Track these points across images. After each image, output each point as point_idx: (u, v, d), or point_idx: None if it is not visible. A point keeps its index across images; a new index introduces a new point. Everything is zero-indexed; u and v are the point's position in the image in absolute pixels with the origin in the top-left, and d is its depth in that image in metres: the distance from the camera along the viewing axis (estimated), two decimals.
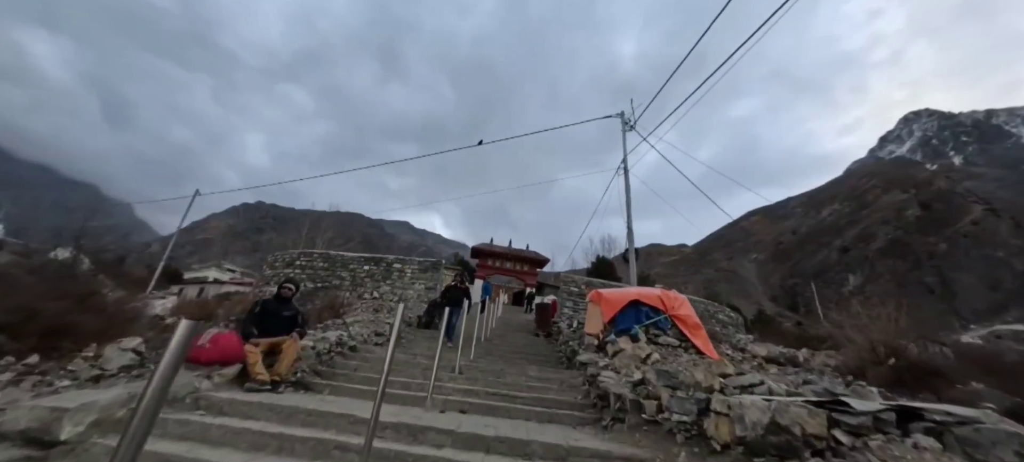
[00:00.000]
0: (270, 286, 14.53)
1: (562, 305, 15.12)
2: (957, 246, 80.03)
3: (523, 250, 36.13)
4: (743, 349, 9.85)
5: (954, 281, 74.25)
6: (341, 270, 14.35)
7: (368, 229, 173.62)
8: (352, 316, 9.62)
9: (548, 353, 8.66)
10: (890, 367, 6.95)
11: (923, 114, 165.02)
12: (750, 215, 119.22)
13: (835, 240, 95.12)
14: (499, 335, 10.97)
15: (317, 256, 14.97)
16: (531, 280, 33.14)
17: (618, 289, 8.57)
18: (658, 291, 8.21)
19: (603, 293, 8.05)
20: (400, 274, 14.41)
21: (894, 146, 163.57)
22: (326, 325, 8.46)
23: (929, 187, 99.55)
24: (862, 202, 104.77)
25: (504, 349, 8.76)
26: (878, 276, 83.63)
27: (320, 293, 12.61)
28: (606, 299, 7.67)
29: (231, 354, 4.15)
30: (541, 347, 9.51)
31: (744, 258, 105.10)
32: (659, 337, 7.03)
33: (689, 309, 7.77)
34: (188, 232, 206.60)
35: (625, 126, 11.61)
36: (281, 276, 14.99)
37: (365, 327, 8.26)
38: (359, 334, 7.44)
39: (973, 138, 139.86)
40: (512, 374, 5.82)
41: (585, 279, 17.08)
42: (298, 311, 4.86)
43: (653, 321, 7.24)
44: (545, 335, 11.37)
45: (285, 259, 15.14)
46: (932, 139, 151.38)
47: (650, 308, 7.40)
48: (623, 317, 7.17)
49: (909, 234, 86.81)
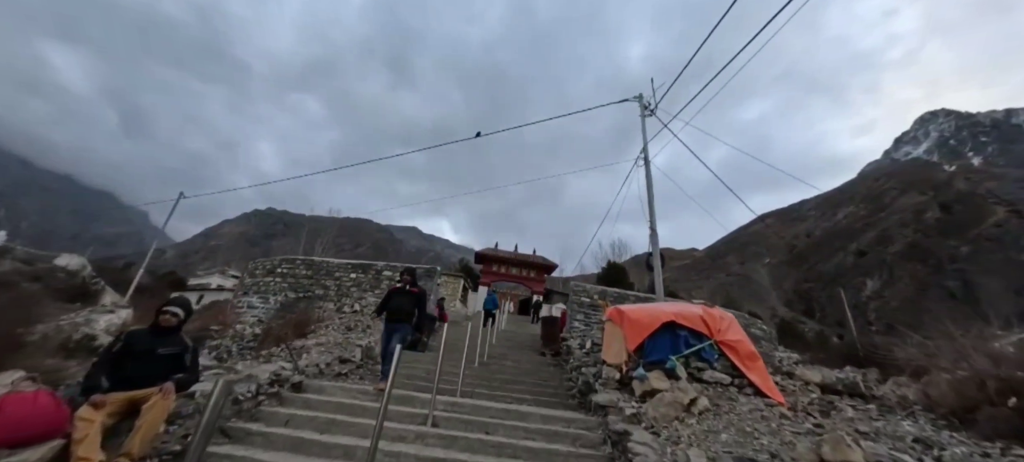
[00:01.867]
0: (248, 296, 13.04)
1: (572, 317, 13.50)
2: (980, 249, 76.99)
3: (530, 255, 34.27)
4: (790, 374, 8.12)
5: (977, 285, 71.21)
6: (326, 279, 13.02)
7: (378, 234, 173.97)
8: (322, 335, 8.28)
9: (557, 383, 7.26)
10: (1012, 408, 5.29)
11: (940, 114, 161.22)
12: (762, 218, 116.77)
13: (851, 243, 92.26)
14: (499, 355, 9.58)
15: (300, 263, 13.65)
16: (538, 287, 31.35)
17: (645, 306, 6.73)
18: (698, 308, 6.41)
19: (626, 311, 6.17)
20: (390, 282, 12.86)
21: (910, 147, 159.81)
22: (279, 351, 6.96)
23: (949, 189, 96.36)
24: (879, 204, 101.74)
25: (503, 376, 7.37)
26: (897, 280, 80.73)
27: (301, 304, 11.21)
28: (631, 320, 5.90)
29: (32, 426, 2.52)
30: (548, 373, 8.11)
31: (757, 262, 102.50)
32: (703, 371, 5.40)
33: (739, 332, 6.08)
34: (201, 238, 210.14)
35: (644, 111, 10.00)
36: (260, 286, 13.44)
37: (328, 351, 6.92)
38: (316, 364, 5.95)
39: (992, 138, 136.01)
40: (507, 425, 4.25)
41: (598, 289, 15.42)
42: (187, 346, 3.30)
43: (695, 350, 5.53)
44: (553, 354, 9.88)
45: (266, 266, 13.81)
46: (950, 140, 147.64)
47: (690, 332, 5.66)
48: (655, 344, 5.51)
49: (929, 237, 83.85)
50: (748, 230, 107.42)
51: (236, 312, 12.38)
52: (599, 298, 14.12)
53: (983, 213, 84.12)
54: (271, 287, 13.15)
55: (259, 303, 12.78)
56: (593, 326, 13.20)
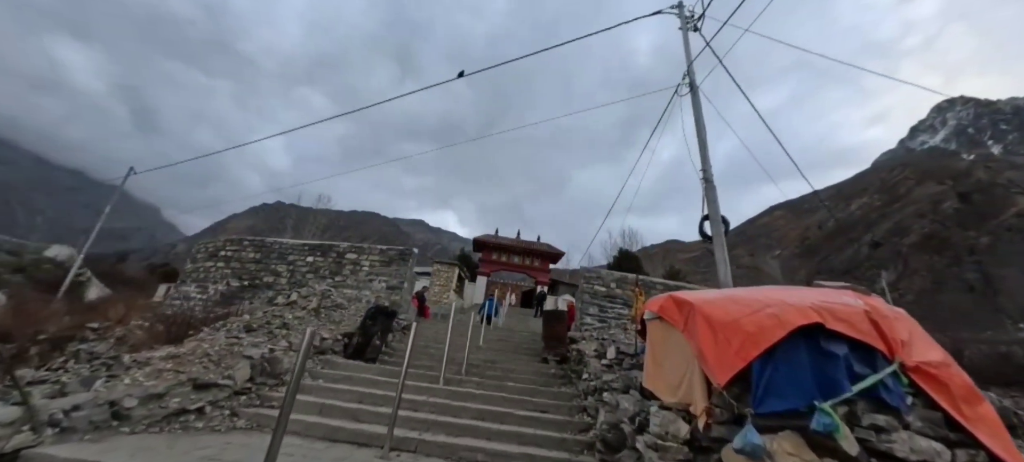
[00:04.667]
0: (186, 286, 11.87)
1: (583, 311, 11.78)
2: (1000, 240, 74.90)
3: (533, 242, 31.33)
4: None
5: (997, 277, 69.35)
6: (277, 263, 11.52)
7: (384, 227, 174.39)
8: (196, 341, 6.20)
9: (564, 413, 5.49)
10: None
11: (957, 102, 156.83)
12: (772, 210, 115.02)
13: (865, 235, 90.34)
14: (489, 361, 8.05)
15: (247, 245, 12.09)
16: (543, 277, 29.18)
17: (738, 293, 3.92)
18: (852, 296, 3.68)
19: (702, 305, 3.50)
20: (355, 267, 11.48)
21: (926, 136, 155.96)
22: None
23: (967, 178, 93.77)
24: (894, 195, 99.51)
25: (485, 398, 5.74)
26: (913, 272, 78.92)
27: (245, 294, 9.79)
28: (717, 320, 3.30)
29: None
30: (551, 393, 6.27)
31: (767, 254, 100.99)
32: (890, 434, 2.79)
33: (932, 344, 3.48)
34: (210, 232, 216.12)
35: (686, 22, 7.98)
36: (198, 273, 11.84)
37: (186, 367, 4.89)
38: (133, 395, 4.04)
39: (1013, 126, 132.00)
40: None
41: (616, 274, 13.10)
42: None
43: (867, 385, 2.93)
44: (558, 360, 8.21)
45: (208, 249, 12.36)
46: (968, 128, 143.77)
47: (851, 346, 3.07)
48: (778, 372, 2.96)
49: (947, 228, 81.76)
50: (757, 222, 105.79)
51: (170, 304, 10.69)
52: (632, 287, 11.93)
53: (1003, 203, 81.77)
54: (211, 274, 11.62)
55: (196, 293, 11.26)
56: (611, 323, 11.32)
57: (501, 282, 29.96)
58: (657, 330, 4.17)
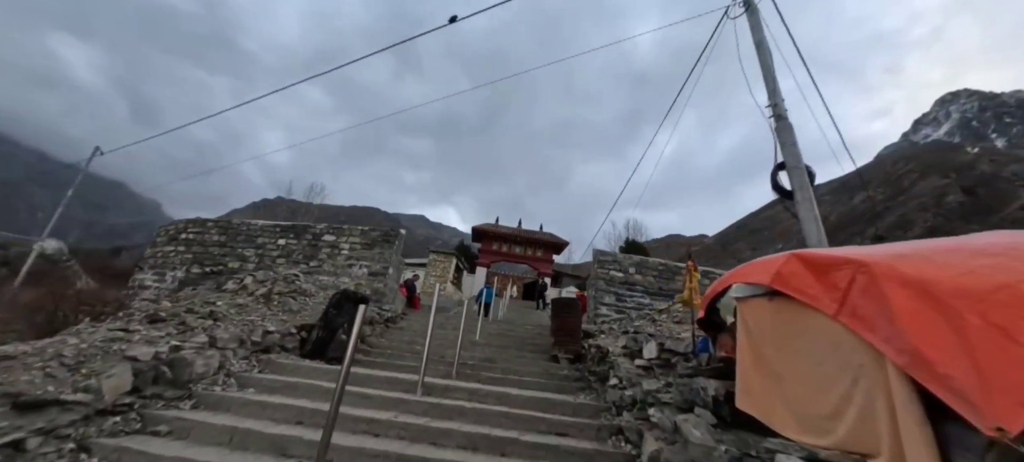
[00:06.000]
0: (144, 272, 10.93)
1: (597, 301, 10.52)
2: None
3: (536, 231, 29.73)
4: None
5: None
6: (244, 246, 10.53)
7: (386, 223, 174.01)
8: (73, 335, 4.49)
9: (593, 434, 4.09)
10: None
11: (962, 95, 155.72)
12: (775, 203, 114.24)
13: (868, 228, 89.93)
14: (487, 360, 6.89)
15: (211, 226, 11.14)
16: (546, 268, 27.86)
17: (935, 245, 2.13)
18: None
19: (879, 263, 1.92)
20: (333, 251, 10.43)
21: (930, 129, 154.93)
22: None
23: (971, 171, 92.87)
24: (898, 188, 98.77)
25: (482, 410, 4.41)
26: None
27: (208, 281, 8.83)
28: (929, 289, 1.62)
29: None
30: (568, 404, 4.78)
31: (769, 248, 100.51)
32: None
33: None
34: None
35: None
36: (157, 258, 10.84)
37: (33, 370, 3.28)
38: None
39: (1017, 119, 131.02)
40: None
41: (635, 258, 11.67)
42: None
43: None
44: (572, 359, 7.04)
45: (169, 232, 11.41)
46: (972, 121, 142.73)
47: None
48: None
49: (951, 221, 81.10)
50: (760, 215, 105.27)
51: (128, 294, 9.81)
52: (638, 272, 10.59)
53: (1008, 197, 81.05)
54: (171, 259, 10.64)
55: (152, 281, 10.33)
56: (631, 313, 10.01)
57: (502, 274, 29.02)
58: (765, 316, 2.61)
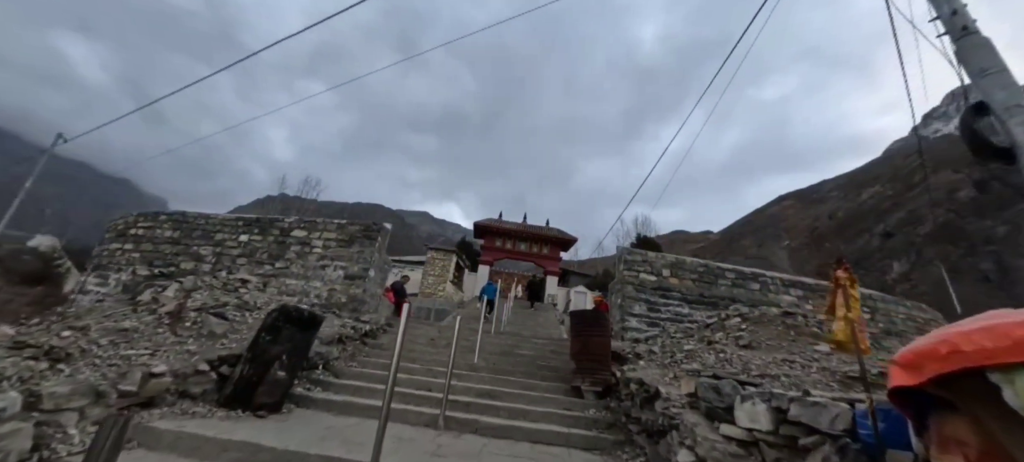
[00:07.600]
0: (90, 275, 9.94)
1: (624, 310, 8.61)
2: (1018, 230, 73.21)
3: (541, 227, 28.38)
4: None
5: (1014, 268, 67.91)
6: (201, 243, 9.26)
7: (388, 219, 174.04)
8: None
9: None
10: None
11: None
12: (781, 200, 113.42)
13: (877, 225, 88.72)
14: (487, 394, 5.35)
15: (164, 220, 9.85)
16: (553, 266, 26.49)
17: None
18: None
19: None
20: (304, 249, 9.10)
21: (940, 124, 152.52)
22: None
23: (984, 166, 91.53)
24: (907, 183, 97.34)
25: None
26: (926, 262, 77.27)
27: (157, 284, 7.63)
28: None
29: None
30: None
31: (775, 245, 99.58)
32: None
33: None
34: None
35: None
36: (103, 257, 9.67)
37: None
38: None
39: None
40: None
41: (669, 258, 9.49)
42: None
43: None
44: (600, 394, 5.57)
45: (117, 228, 10.22)
46: None
47: None
48: None
49: (962, 217, 79.91)
50: (765, 212, 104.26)
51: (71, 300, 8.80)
52: (675, 275, 8.64)
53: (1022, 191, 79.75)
54: (117, 259, 9.53)
55: (94, 286, 9.13)
56: (666, 325, 8.26)
57: (506, 272, 28.14)
58: None
